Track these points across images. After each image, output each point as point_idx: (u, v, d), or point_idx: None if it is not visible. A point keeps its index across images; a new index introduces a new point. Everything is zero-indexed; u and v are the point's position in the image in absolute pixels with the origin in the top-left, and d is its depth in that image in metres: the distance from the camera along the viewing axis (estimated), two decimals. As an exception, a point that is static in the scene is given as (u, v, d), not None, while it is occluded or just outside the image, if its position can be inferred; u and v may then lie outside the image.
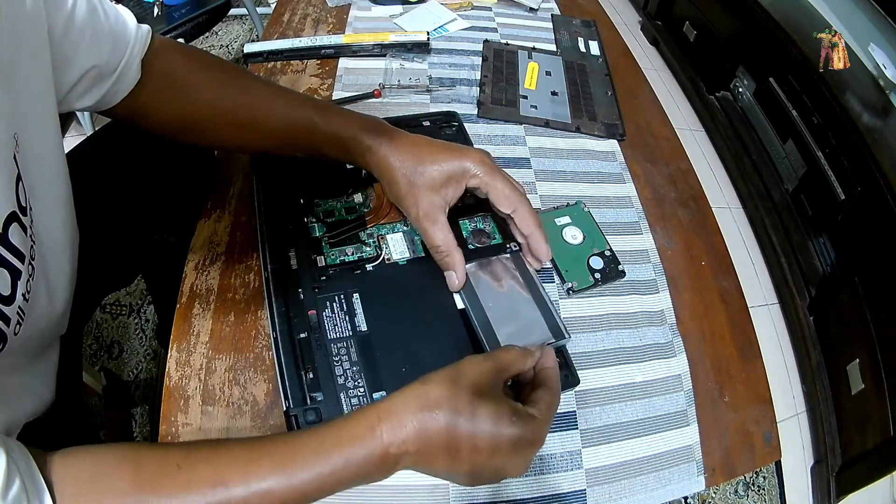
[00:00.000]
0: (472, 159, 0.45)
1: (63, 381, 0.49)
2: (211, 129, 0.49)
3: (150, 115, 0.47)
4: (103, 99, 0.44)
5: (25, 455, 0.30)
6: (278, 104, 0.48)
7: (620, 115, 0.69)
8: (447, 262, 0.45)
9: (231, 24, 1.99)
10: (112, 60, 0.43)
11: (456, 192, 0.45)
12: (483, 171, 0.44)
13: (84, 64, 0.41)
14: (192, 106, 0.48)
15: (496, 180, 0.45)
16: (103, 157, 0.59)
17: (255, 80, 0.51)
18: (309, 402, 0.39)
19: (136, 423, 1.04)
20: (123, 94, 0.45)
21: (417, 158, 0.44)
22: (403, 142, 0.45)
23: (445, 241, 0.44)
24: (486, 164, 0.45)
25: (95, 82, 0.43)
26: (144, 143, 0.56)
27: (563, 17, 0.86)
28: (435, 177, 0.44)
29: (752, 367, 0.51)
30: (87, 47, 0.41)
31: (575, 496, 0.42)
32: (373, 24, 0.78)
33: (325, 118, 0.47)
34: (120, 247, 0.62)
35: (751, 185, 1.53)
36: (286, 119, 0.48)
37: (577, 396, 0.46)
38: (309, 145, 0.48)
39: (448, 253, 0.44)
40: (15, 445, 0.30)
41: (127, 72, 0.44)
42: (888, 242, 1.07)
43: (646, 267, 0.55)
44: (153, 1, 1.28)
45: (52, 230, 0.41)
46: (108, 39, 0.42)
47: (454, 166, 0.44)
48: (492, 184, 0.45)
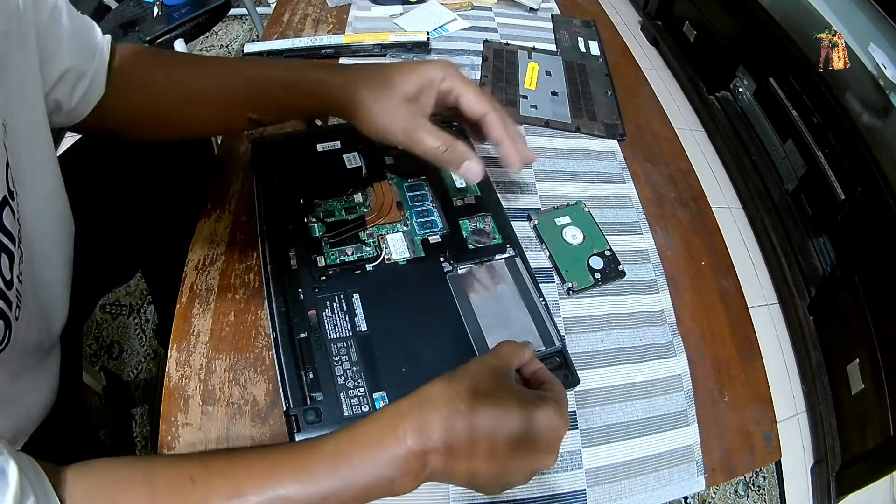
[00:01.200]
0: (438, 66, 0.45)
1: (63, 382, 0.49)
2: (170, 117, 0.49)
3: (117, 118, 0.48)
4: (76, 108, 0.44)
5: (37, 470, 0.29)
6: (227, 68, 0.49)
7: (620, 115, 0.69)
8: (455, 157, 0.43)
9: (231, 24, 1.99)
10: (86, 66, 0.43)
11: (429, 98, 0.44)
12: (451, 75, 0.44)
13: (65, 63, 0.41)
14: (149, 98, 0.48)
15: (465, 84, 0.45)
16: (103, 154, 0.59)
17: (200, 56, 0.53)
18: (309, 402, 0.39)
19: (136, 423, 1.04)
20: (94, 102, 0.45)
21: (386, 80, 0.44)
22: (362, 70, 0.45)
23: (442, 138, 0.43)
24: (452, 69, 0.45)
25: (73, 86, 0.43)
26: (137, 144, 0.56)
27: (563, 17, 0.86)
28: (406, 90, 0.43)
29: (752, 367, 0.51)
30: (67, 46, 0.41)
31: (575, 496, 0.42)
32: (373, 24, 0.78)
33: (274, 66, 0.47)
34: (119, 244, 0.62)
35: (751, 185, 1.53)
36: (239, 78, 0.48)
37: (577, 396, 0.46)
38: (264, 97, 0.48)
39: (451, 147, 0.43)
40: (27, 460, 0.29)
41: (97, 78, 0.44)
42: (888, 242, 1.07)
43: (646, 267, 0.55)
44: (153, 1, 1.28)
45: (39, 215, 0.41)
46: (85, 44, 0.43)
47: (422, 76, 0.44)
48: (461, 87, 0.45)
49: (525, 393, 0.33)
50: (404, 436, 0.30)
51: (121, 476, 0.31)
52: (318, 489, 0.30)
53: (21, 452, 0.30)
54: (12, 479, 0.27)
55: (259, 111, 0.48)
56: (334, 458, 0.30)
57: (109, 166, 0.58)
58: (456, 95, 0.45)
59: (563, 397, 0.35)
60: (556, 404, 0.33)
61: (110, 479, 0.31)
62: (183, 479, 0.30)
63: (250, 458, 0.32)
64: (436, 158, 0.44)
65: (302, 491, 0.30)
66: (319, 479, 0.30)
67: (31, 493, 0.27)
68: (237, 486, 0.30)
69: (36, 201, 0.40)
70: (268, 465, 0.31)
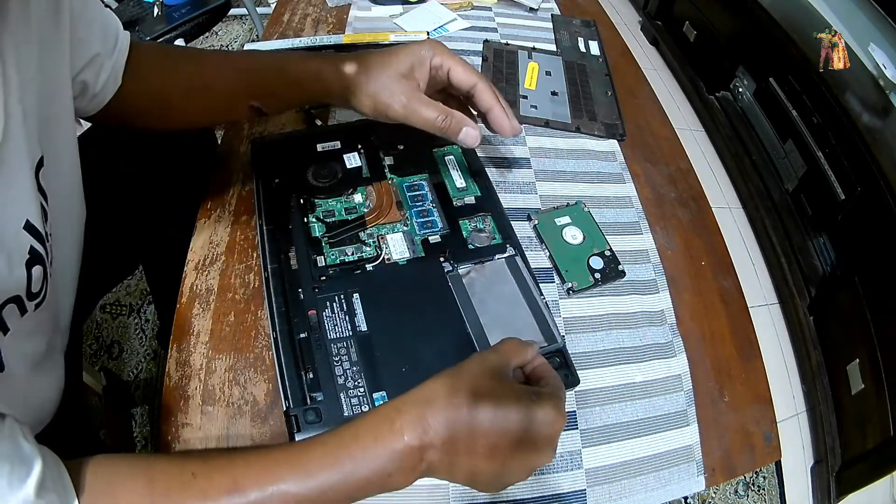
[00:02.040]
0: (426, 44, 0.48)
1: (64, 381, 0.49)
2: (174, 108, 0.51)
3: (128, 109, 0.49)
4: (100, 94, 0.45)
5: (57, 461, 0.30)
6: (228, 61, 0.51)
7: (620, 115, 0.69)
8: (453, 125, 0.47)
9: (231, 24, 1.99)
10: (110, 54, 0.45)
11: (422, 73, 0.47)
12: (439, 51, 0.48)
13: (94, 48, 0.43)
14: (158, 90, 0.50)
15: (454, 59, 0.48)
16: (106, 150, 0.60)
17: (205, 51, 0.55)
18: (309, 402, 0.39)
19: (136, 423, 1.04)
20: (113, 91, 0.46)
21: (380, 61, 0.47)
22: (355, 57, 0.48)
23: (441, 110, 0.46)
24: (440, 46, 0.48)
25: (98, 71, 0.44)
26: (143, 137, 0.57)
27: (563, 17, 0.86)
28: (400, 68, 0.47)
29: (752, 367, 0.51)
30: (97, 32, 0.43)
31: (575, 496, 0.42)
32: (373, 24, 0.78)
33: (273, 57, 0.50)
34: (122, 240, 0.62)
35: (751, 185, 1.53)
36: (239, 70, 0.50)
37: (577, 396, 0.46)
38: (264, 87, 0.50)
39: (449, 115, 0.46)
40: (48, 454, 0.30)
41: (117, 67, 0.46)
42: (888, 242, 1.07)
43: (646, 267, 0.55)
44: (153, 1, 1.28)
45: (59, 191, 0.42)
46: (110, 33, 0.45)
47: (413, 53, 0.47)
48: (451, 61, 0.48)
49: (523, 390, 0.34)
50: (402, 431, 0.30)
51: (121, 470, 0.32)
52: (316, 483, 0.30)
53: (43, 447, 0.30)
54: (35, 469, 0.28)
55: (260, 99, 0.50)
56: (333, 452, 0.31)
57: (112, 162, 0.58)
58: (446, 69, 0.48)
59: (561, 392, 0.35)
60: (554, 400, 0.34)
61: (111, 472, 0.32)
62: (183, 473, 0.31)
63: (250, 455, 0.32)
64: (434, 128, 0.47)
65: (301, 485, 0.30)
66: (318, 473, 0.30)
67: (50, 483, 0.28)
68: (236, 480, 0.30)
69: (61, 176, 0.41)
70: (267, 460, 0.31)
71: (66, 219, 0.44)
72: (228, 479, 0.30)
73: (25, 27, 0.34)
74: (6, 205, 0.32)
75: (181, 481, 0.31)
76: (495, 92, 0.49)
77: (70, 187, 0.45)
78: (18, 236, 0.32)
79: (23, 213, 0.33)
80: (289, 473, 0.30)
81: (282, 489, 0.30)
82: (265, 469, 0.31)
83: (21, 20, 0.33)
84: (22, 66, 0.33)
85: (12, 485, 0.27)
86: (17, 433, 0.29)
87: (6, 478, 0.27)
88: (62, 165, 0.42)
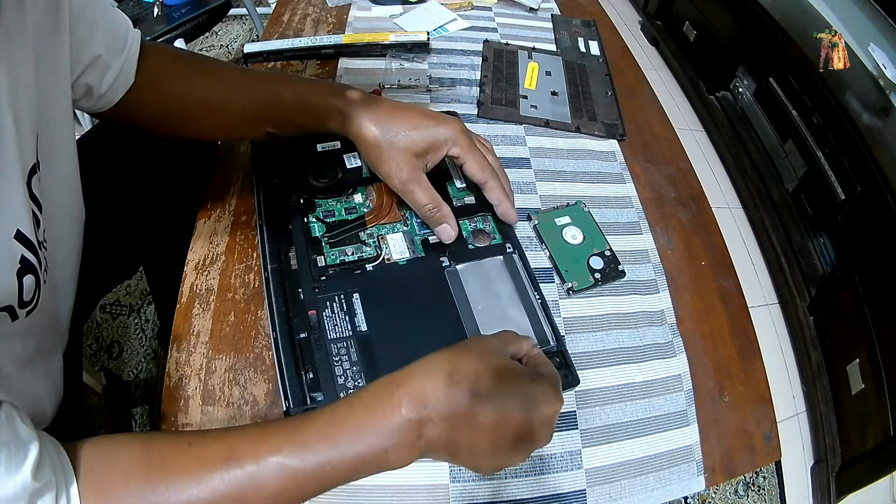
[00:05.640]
0: (452, 129, 0.46)
1: (64, 381, 0.49)
2: (187, 120, 0.50)
3: (140, 112, 0.49)
4: (106, 95, 0.45)
5: (56, 445, 0.30)
6: (247, 82, 0.50)
7: (620, 115, 0.69)
8: (438, 217, 0.47)
9: (231, 24, 1.99)
10: (117, 55, 0.44)
11: (435, 158, 0.47)
12: (461, 142, 0.47)
13: (96, 49, 0.43)
14: (169, 98, 0.49)
15: (473, 153, 0.47)
16: (108, 150, 0.60)
17: (222, 64, 0.53)
18: (309, 402, 0.39)
19: (136, 423, 1.04)
20: (123, 91, 0.46)
21: (398, 123, 0.45)
22: (381, 107, 0.46)
23: (433, 198, 0.46)
24: (464, 135, 0.47)
25: (103, 73, 0.44)
26: (143, 137, 0.56)
27: (563, 17, 0.86)
28: (417, 142, 0.46)
29: (752, 367, 0.51)
30: (100, 34, 0.43)
31: (575, 496, 0.42)
32: (373, 24, 0.78)
33: (294, 88, 0.49)
34: (122, 240, 0.62)
35: (751, 185, 1.53)
36: (258, 95, 0.49)
37: (577, 396, 0.46)
38: (282, 116, 0.49)
39: (437, 208, 0.46)
40: (47, 438, 0.31)
41: (127, 69, 0.46)
42: (888, 242, 1.07)
43: (646, 267, 0.55)
44: (153, 1, 1.28)
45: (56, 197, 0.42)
46: (117, 34, 0.44)
47: (436, 135, 0.46)
48: (467, 155, 0.47)
49: (523, 369, 0.34)
50: (399, 404, 0.30)
51: (119, 444, 0.32)
52: (313, 457, 0.30)
53: (43, 432, 0.31)
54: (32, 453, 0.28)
55: (277, 127, 0.50)
56: (329, 426, 0.31)
57: (113, 164, 0.58)
58: (462, 162, 0.48)
59: (556, 377, 0.36)
60: (553, 380, 0.34)
61: (108, 447, 0.32)
62: (180, 443, 0.31)
63: (248, 427, 0.33)
64: (420, 213, 0.47)
65: (297, 458, 0.30)
66: (315, 446, 0.30)
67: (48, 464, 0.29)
68: (233, 449, 0.30)
69: (58, 181, 0.41)
70: (265, 431, 0.31)
71: (64, 222, 0.44)
72: (225, 447, 0.30)
73: (20, 33, 0.33)
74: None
75: (177, 449, 0.31)
76: (504, 188, 0.49)
77: (68, 191, 0.45)
78: (9, 247, 0.32)
79: (13, 223, 0.32)
80: (286, 444, 0.30)
81: (279, 460, 0.30)
82: (262, 439, 0.31)
83: (15, 25, 0.33)
84: (15, 72, 0.32)
85: (10, 469, 0.27)
86: (15, 418, 0.29)
87: (3, 464, 0.27)
88: (59, 170, 0.42)
